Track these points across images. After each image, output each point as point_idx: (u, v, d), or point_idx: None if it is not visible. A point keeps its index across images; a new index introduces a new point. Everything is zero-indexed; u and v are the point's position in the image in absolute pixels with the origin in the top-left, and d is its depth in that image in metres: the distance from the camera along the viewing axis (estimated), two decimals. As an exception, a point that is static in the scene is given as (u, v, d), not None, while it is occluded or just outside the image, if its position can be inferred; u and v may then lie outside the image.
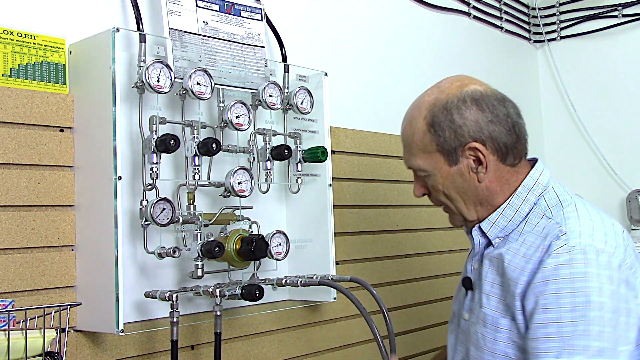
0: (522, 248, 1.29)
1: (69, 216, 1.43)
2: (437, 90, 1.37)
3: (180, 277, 1.59)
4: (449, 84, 1.36)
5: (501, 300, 1.30)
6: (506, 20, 2.95)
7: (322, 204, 1.79)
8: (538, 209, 1.33)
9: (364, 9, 2.26)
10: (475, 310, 1.36)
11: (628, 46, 2.94)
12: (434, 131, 1.33)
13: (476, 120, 1.31)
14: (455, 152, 1.32)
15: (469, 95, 1.33)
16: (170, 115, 1.54)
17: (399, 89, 2.35)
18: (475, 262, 1.41)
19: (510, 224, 1.34)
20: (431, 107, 1.34)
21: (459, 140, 1.31)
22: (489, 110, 1.32)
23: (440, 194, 1.38)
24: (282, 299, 1.81)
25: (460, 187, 1.35)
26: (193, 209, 1.53)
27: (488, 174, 1.33)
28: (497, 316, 1.29)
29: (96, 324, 1.40)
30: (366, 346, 2.04)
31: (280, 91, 1.67)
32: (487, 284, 1.34)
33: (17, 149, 1.36)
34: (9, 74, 1.38)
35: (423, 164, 1.36)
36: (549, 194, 1.35)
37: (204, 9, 1.60)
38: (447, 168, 1.34)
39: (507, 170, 1.35)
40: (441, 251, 2.40)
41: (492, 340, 1.29)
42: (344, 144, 2.05)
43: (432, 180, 1.37)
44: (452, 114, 1.32)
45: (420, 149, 1.35)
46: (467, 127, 1.31)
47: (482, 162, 1.32)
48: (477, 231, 1.38)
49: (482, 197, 1.35)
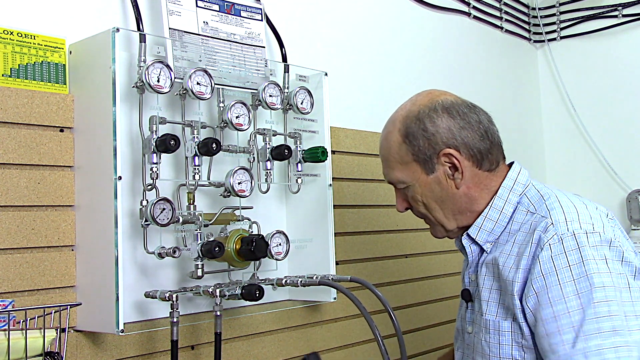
0: (514, 248, 1.31)
1: (69, 216, 1.43)
2: (409, 103, 1.41)
3: (180, 277, 1.59)
4: (421, 96, 1.41)
5: (501, 305, 1.31)
6: (506, 20, 2.95)
7: (322, 204, 1.79)
8: (522, 206, 1.35)
9: (364, 9, 2.26)
10: (477, 320, 1.36)
11: (628, 46, 2.94)
12: (408, 142, 1.36)
13: (448, 127, 1.34)
14: (431, 160, 1.35)
15: (439, 104, 1.36)
16: (170, 115, 1.54)
17: (399, 89, 2.35)
18: (472, 273, 1.42)
19: (497, 227, 1.36)
20: (404, 119, 1.38)
21: (433, 148, 1.35)
22: (460, 117, 1.35)
23: (419, 204, 1.40)
24: (282, 299, 1.81)
25: (439, 195, 1.37)
26: (193, 209, 1.53)
27: (465, 181, 1.35)
28: (499, 320, 1.30)
29: (96, 324, 1.40)
30: (366, 346, 2.04)
31: (280, 91, 1.67)
32: (485, 291, 1.35)
33: (17, 149, 1.36)
34: (9, 74, 1.38)
35: (401, 176, 1.39)
36: (530, 192, 1.37)
37: (204, 9, 1.60)
38: (424, 177, 1.37)
39: (485, 176, 1.37)
40: (441, 251, 2.40)
41: (496, 345, 1.30)
42: (344, 144, 2.05)
43: (411, 192, 1.39)
44: (425, 122, 1.35)
45: (398, 161, 1.39)
46: (439, 135, 1.34)
47: (457, 168, 1.35)
48: (466, 239, 1.40)
49: (462, 205, 1.37)
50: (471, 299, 1.41)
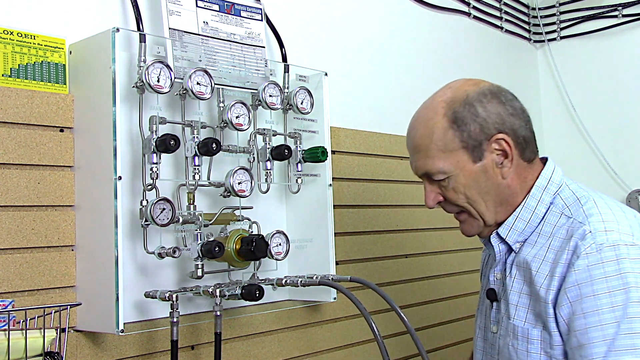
0: (549, 254, 1.26)
1: (69, 216, 1.43)
2: (449, 90, 1.34)
3: (180, 277, 1.59)
4: (461, 83, 1.34)
5: (531, 310, 1.27)
6: (506, 20, 2.95)
7: (322, 204, 1.79)
8: (555, 208, 1.31)
9: (364, 9, 2.26)
10: (503, 322, 1.33)
11: (628, 46, 2.94)
12: (456, 127, 1.28)
13: (498, 112, 1.29)
14: (481, 146, 1.29)
15: (487, 89, 1.31)
16: (170, 115, 1.54)
17: (399, 89, 2.35)
18: (497, 272, 1.38)
19: (528, 227, 1.32)
20: (449, 104, 1.30)
21: (485, 133, 1.28)
22: (508, 103, 1.31)
23: (460, 197, 1.32)
24: (282, 299, 1.81)
25: (483, 186, 1.30)
26: (193, 209, 1.53)
27: (511, 170, 1.30)
28: (528, 327, 1.26)
29: (96, 324, 1.39)
30: (366, 346, 2.04)
31: (280, 91, 1.67)
32: (514, 295, 1.30)
33: (17, 149, 1.36)
34: (9, 74, 1.38)
35: (443, 165, 1.30)
36: (564, 192, 1.32)
37: (204, 9, 1.60)
38: (470, 166, 1.29)
39: (525, 167, 1.33)
40: (441, 251, 2.40)
41: (524, 352, 1.26)
42: (344, 144, 2.05)
43: (452, 183, 1.31)
44: (475, 107, 1.29)
45: (440, 149, 1.30)
46: (491, 120, 1.28)
47: (507, 155, 1.29)
48: (495, 238, 1.35)
49: (504, 197, 1.32)
50: (496, 299, 1.37)
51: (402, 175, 2.27)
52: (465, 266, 2.51)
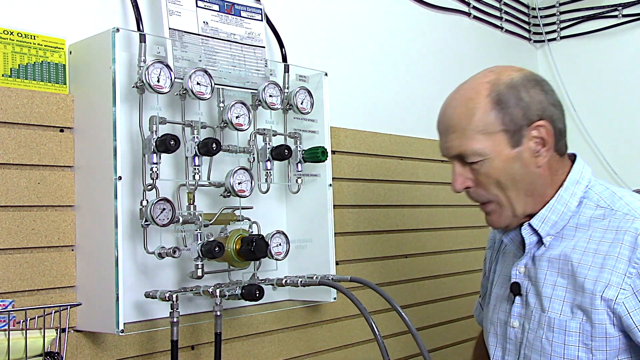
0: (590, 245, 1.26)
1: (69, 216, 1.43)
2: (491, 73, 1.32)
3: (180, 277, 1.59)
4: (504, 67, 1.33)
5: (566, 303, 1.26)
6: (506, 20, 2.95)
7: (322, 204, 1.79)
8: (590, 201, 1.31)
9: (364, 9, 2.26)
10: (533, 315, 1.31)
11: (628, 46, 2.94)
12: (500, 109, 1.26)
13: (540, 100, 1.28)
14: (521, 131, 1.27)
15: (530, 76, 1.31)
16: (170, 116, 1.54)
17: (399, 89, 2.35)
18: (521, 266, 1.36)
19: (560, 220, 1.31)
20: (493, 85, 1.29)
21: (527, 119, 1.27)
22: (549, 93, 1.31)
23: (492, 183, 1.30)
24: (282, 299, 1.81)
25: (517, 173, 1.28)
26: (193, 209, 1.53)
27: (545, 160, 1.29)
28: (565, 320, 1.26)
29: (96, 324, 1.40)
30: (366, 346, 2.04)
31: (281, 91, 1.67)
32: (547, 287, 1.29)
33: (17, 149, 1.36)
34: (9, 74, 1.38)
35: (480, 147, 1.27)
36: (596, 187, 1.33)
37: (204, 9, 1.60)
38: (507, 151, 1.27)
39: (557, 159, 1.33)
40: (441, 251, 2.40)
41: (560, 345, 1.25)
42: (344, 144, 2.05)
43: (486, 167, 1.28)
44: (520, 91, 1.27)
45: (480, 130, 1.27)
46: (533, 106, 1.27)
47: (545, 143, 1.28)
48: (527, 230, 1.33)
49: (534, 187, 1.30)
50: (520, 293, 1.35)
51: (402, 175, 2.27)
52: (465, 266, 2.51)
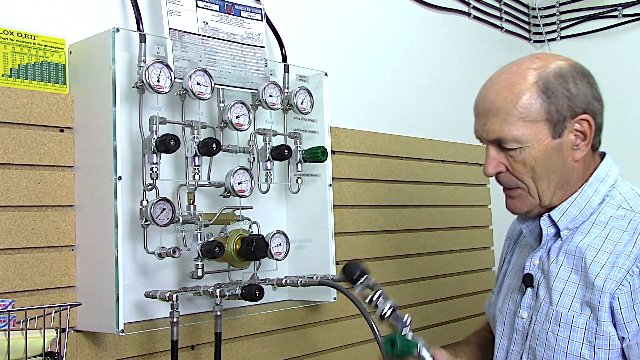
0: (606, 244, 1.25)
1: (69, 216, 1.43)
2: (538, 60, 1.29)
3: (180, 277, 1.59)
4: (551, 55, 1.31)
5: (576, 299, 1.26)
6: (506, 20, 2.95)
7: (322, 204, 1.79)
8: (613, 200, 1.30)
9: (364, 9, 2.26)
10: (542, 308, 1.31)
11: (628, 46, 2.94)
12: (546, 97, 1.24)
13: (586, 93, 1.27)
14: (564, 123, 1.25)
15: (579, 68, 1.29)
16: (170, 116, 1.54)
17: (399, 89, 2.35)
18: (535, 258, 1.35)
19: (580, 215, 1.30)
20: (541, 73, 1.26)
21: (572, 110, 1.25)
22: (594, 87, 1.30)
23: (526, 171, 1.28)
24: (282, 299, 1.81)
25: (553, 164, 1.27)
26: (193, 209, 1.53)
27: (582, 154, 1.28)
28: (573, 315, 1.25)
29: (96, 324, 1.40)
30: (366, 346, 2.04)
31: (281, 91, 1.67)
32: (559, 281, 1.29)
33: (17, 149, 1.36)
34: (9, 74, 1.38)
35: (521, 134, 1.25)
36: (621, 187, 1.32)
37: (204, 9, 1.60)
38: (548, 140, 1.26)
39: (591, 155, 1.32)
40: (441, 251, 2.40)
41: (565, 339, 1.25)
42: (344, 144, 2.05)
43: (524, 155, 1.27)
44: (568, 82, 1.26)
45: (522, 117, 1.25)
46: (579, 99, 1.26)
47: (586, 137, 1.27)
48: (546, 221, 1.32)
49: (567, 179, 1.29)
50: (532, 285, 1.34)
51: (402, 175, 2.27)
52: (465, 266, 2.51)
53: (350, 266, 1.37)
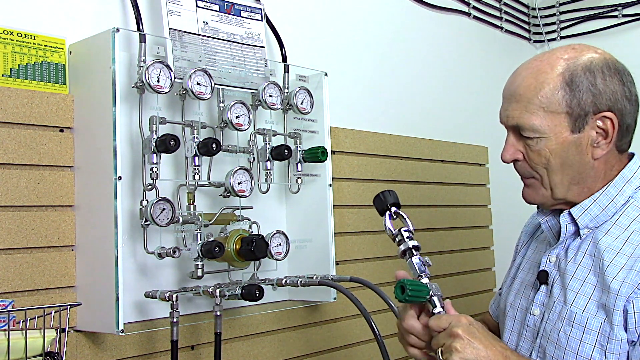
0: (626, 247, 1.22)
1: (68, 216, 1.43)
2: (572, 50, 1.26)
3: (180, 277, 1.59)
4: (586, 47, 1.27)
5: (592, 301, 1.23)
6: (506, 20, 2.95)
7: (322, 204, 1.79)
8: (637, 202, 1.26)
9: (364, 9, 2.26)
10: (555, 307, 1.28)
11: (628, 46, 2.94)
12: (569, 90, 1.21)
13: (615, 90, 1.23)
14: (585, 118, 1.22)
15: (612, 63, 1.25)
16: (170, 116, 1.54)
17: (399, 89, 2.35)
18: (552, 255, 1.32)
19: (602, 214, 1.26)
20: (570, 64, 1.23)
21: (596, 106, 1.21)
22: (627, 85, 1.25)
23: (541, 162, 1.26)
24: (282, 299, 1.81)
25: (570, 159, 1.24)
26: (193, 209, 1.53)
27: (603, 152, 1.25)
28: (587, 317, 1.22)
29: (96, 324, 1.40)
30: (366, 346, 2.04)
31: (280, 91, 1.67)
32: (576, 281, 1.26)
33: (17, 149, 1.36)
34: (9, 74, 1.38)
35: (540, 124, 1.23)
36: None
37: (204, 9, 1.60)
38: (566, 134, 1.23)
39: (615, 155, 1.27)
40: (441, 251, 2.40)
41: (577, 341, 1.22)
42: (343, 144, 2.05)
43: (540, 145, 1.24)
44: (595, 76, 1.22)
45: (543, 107, 1.22)
46: (606, 95, 1.22)
47: (607, 136, 1.23)
48: (566, 218, 1.29)
49: (583, 176, 1.26)
50: (547, 282, 1.31)
51: (402, 175, 2.27)
52: (465, 266, 2.51)
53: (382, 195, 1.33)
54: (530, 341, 1.33)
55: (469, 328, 1.16)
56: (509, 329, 1.40)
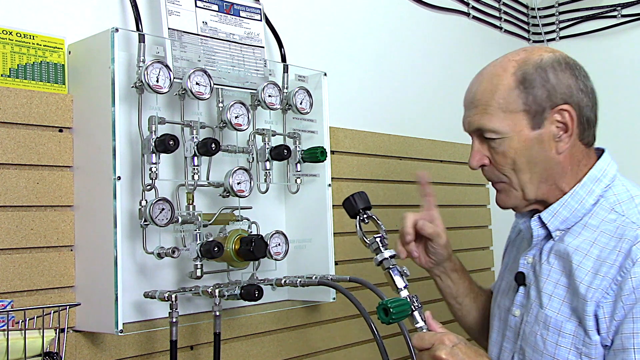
0: (593, 249, 1.22)
1: (68, 216, 1.43)
2: (524, 51, 1.30)
3: (179, 277, 1.58)
4: (537, 48, 1.30)
5: (565, 303, 1.23)
6: (505, 21, 2.95)
7: (322, 204, 1.79)
8: (606, 202, 1.26)
9: (364, 9, 2.26)
10: (532, 309, 1.29)
11: (627, 46, 2.94)
12: (523, 88, 1.24)
13: (569, 84, 1.25)
14: (543, 113, 1.24)
15: (563, 59, 1.28)
16: (169, 116, 1.54)
17: (398, 89, 2.35)
18: (529, 256, 1.34)
19: (572, 216, 1.27)
20: (521, 64, 1.26)
21: (551, 101, 1.24)
22: (581, 79, 1.27)
23: (507, 163, 1.27)
24: (281, 299, 1.81)
25: (534, 156, 1.26)
26: (192, 209, 1.53)
27: (567, 147, 1.26)
28: (561, 319, 1.23)
29: (95, 324, 1.39)
30: (366, 346, 2.04)
31: (280, 91, 1.67)
32: (549, 284, 1.27)
33: (16, 149, 1.36)
34: (8, 74, 1.38)
35: (500, 125, 1.25)
36: (617, 187, 1.28)
37: (203, 9, 1.60)
38: (527, 132, 1.25)
39: (581, 150, 1.28)
40: (440, 251, 2.40)
41: (553, 344, 1.23)
42: (343, 144, 2.05)
43: (504, 146, 1.26)
44: (547, 72, 1.25)
45: (501, 108, 1.25)
46: (560, 89, 1.24)
47: (568, 129, 1.25)
48: (536, 222, 1.31)
49: (551, 173, 1.27)
50: (524, 283, 1.33)
51: (402, 175, 2.27)
52: (465, 266, 2.50)
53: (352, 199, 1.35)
54: (513, 342, 1.34)
55: (452, 350, 1.15)
56: (496, 328, 1.42)
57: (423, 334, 1.22)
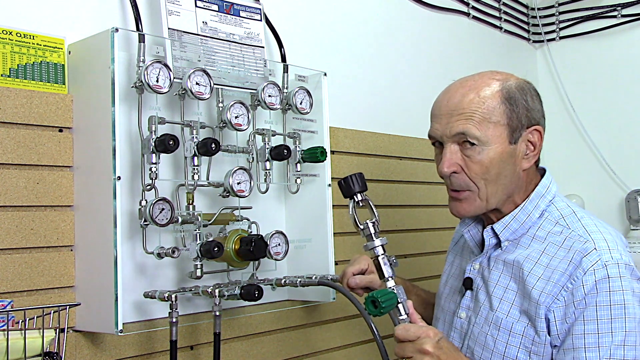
0: (543, 258, 1.32)
1: (68, 216, 1.43)
2: (498, 74, 1.40)
3: (179, 277, 1.59)
4: (505, 73, 1.41)
5: (515, 307, 1.33)
6: (505, 21, 2.95)
7: (322, 204, 1.79)
8: (550, 216, 1.37)
9: (364, 9, 2.26)
10: (481, 311, 1.38)
11: (627, 46, 2.94)
12: (508, 104, 1.34)
13: (539, 109, 1.38)
14: (520, 131, 1.34)
15: (533, 87, 1.40)
16: (169, 116, 1.54)
17: (398, 89, 2.35)
18: (476, 263, 1.43)
19: (521, 228, 1.38)
20: (503, 84, 1.36)
21: (529, 120, 1.35)
22: (542, 107, 1.40)
23: (481, 171, 1.34)
24: (281, 299, 1.81)
25: (505, 169, 1.34)
26: (192, 209, 1.53)
27: (528, 166, 1.37)
28: (511, 321, 1.32)
29: (95, 324, 1.39)
30: (366, 346, 2.04)
31: (280, 91, 1.67)
32: (499, 288, 1.36)
33: (16, 149, 1.36)
34: (8, 74, 1.38)
35: (483, 134, 1.32)
36: (558, 203, 1.40)
37: (203, 9, 1.60)
38: (505, 144, 1.34)
39: (534, 170, 1.41)
40: (441, 251, 2.40)
41: (503, 344, 1.32)
42: (343, 144, 2.05)
43: (482, 154, 1.33)
44: (527, 96, 1.36)
45: (486, 118, 1.33)
46: (534, 112, 1.36)
47: (535, 148, 1.36)
48: (489, 233, 1.40)
49: (513, 187, 1.37)
50: (471, 288, 1.42)
51: (402, 175, 2.27)
52: (465, 266, 2.50)
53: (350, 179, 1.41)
54: (458, 342, 1.43)
55: (438, 344, 1.22)
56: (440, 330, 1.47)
57: (408, 325, 1.27)
